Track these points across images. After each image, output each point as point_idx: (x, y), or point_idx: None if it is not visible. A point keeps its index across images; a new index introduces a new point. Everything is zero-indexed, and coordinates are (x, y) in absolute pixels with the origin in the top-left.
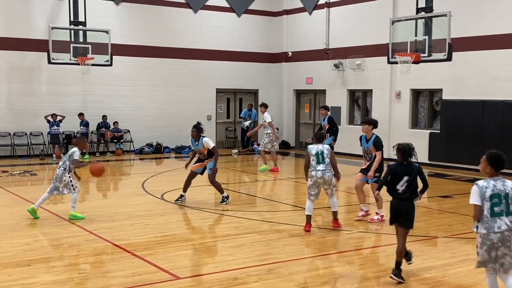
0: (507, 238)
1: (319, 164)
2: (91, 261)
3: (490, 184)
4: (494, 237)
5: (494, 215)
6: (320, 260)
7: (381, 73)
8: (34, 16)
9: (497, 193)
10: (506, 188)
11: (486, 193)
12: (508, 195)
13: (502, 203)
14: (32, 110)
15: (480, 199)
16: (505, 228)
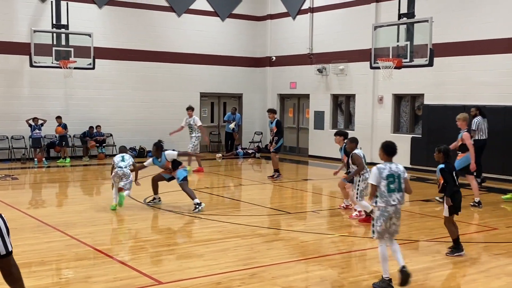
0: (398, 211)
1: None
2: (72, 266)
3: (387, 166)
4: (391, 209)
5: (390, 191)
6: (303, 264)
7: (364, 78)
8: (16, 19)
9: (392, 173)
10: (399, 170)
11: (383, 173)
12: (400, 176)
13: (395, 182)
14: (14, 114)
15: (377, 180)
16: (397, 202)
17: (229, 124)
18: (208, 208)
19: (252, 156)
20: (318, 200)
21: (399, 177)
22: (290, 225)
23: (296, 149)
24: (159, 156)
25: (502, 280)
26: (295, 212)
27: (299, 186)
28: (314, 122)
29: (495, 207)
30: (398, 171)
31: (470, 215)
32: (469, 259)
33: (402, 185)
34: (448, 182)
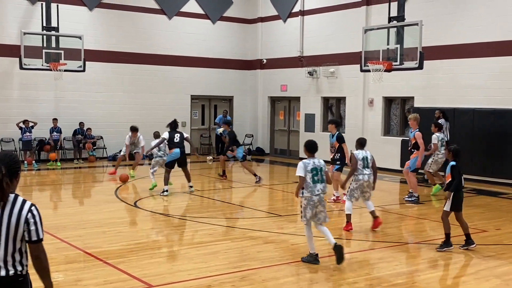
0: (322, 199)
1: (365, 169)
2: (62, 269)
3: (311, 161)
4: (316, 198)
5: (314, 182)
6: (294, 266)
7: (354, 81)
8: (6, 21)
9: (315, 167)
10: (320, 164)
11: (308, 167)
12: (322, 169)
13: (318, 174)
14: (3, 116)
15: (304, 172)
16: (320, 191)
17: (218, 127)
18: (199, 211)
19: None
20: None
21: (321, 170)
22: (281, 227)
23: (287, 151)
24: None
25: (491, 282)
26: (286, 214)
27: (289, 188)
28: (305, 125)
29: (485, 209)
30: (320, 165)
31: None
32: (458, 261)
33: (323, 177)
34: (455, 179)
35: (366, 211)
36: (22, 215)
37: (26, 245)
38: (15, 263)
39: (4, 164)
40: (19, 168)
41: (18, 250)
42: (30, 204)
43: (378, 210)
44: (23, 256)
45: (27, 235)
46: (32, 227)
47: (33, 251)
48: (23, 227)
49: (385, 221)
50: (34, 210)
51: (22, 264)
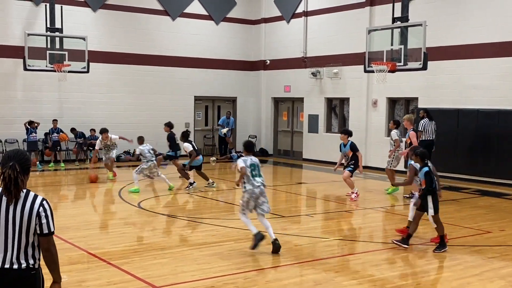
0: (263, 190)
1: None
2: (66, 270)
3: (248, 158)
4: (257, 190)
5: (253, 176)
6: (297, 267)
7: (358, 81)
8: (10, 22)
9: (253, 163)
10: (257, 161)
11: (247, 162)
12: (258, 165)
13: (256, 169)
14: (7, 117)
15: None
16: (260, 183)
17: (222, 128)
18: (202, 212)
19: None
20: (312, 203)
21: (258, 165)
22: (284, 228)
23: (290, 152)
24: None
25: (495, 284)
26: (289, 215)
27: (293, 189)
28: (308, 126)
29: (488, 210)
30: (256, 161)
31: (464, 219)
32: (463, 262)
33: (261, 171)
34: (428, 184)
35: (369, 212)
36: (34, 209)
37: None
38: (27, 257)
39: (17, 161)
40: (30, 165)
41: (31, 244)
42: (42, 199)
43: (381, 211)
44: (35, 250)
45: (38, 228)
46: (44, 220)
47: (44, 244)
48: (35, 221)
49: (389, 223)
50: (45, 204)
51: (35, 258)
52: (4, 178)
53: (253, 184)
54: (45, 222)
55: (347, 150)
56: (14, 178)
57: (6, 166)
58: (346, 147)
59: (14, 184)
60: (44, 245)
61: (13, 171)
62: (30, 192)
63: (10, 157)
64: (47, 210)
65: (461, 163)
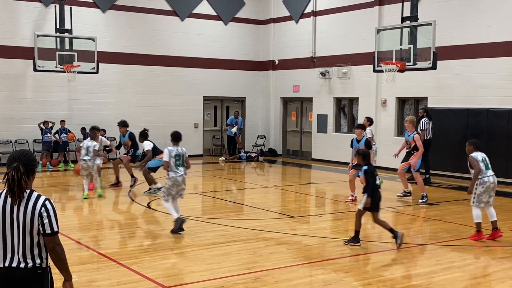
0: (184, 179)
1: (488, 170)
2: (76, 270)
3: (175, 148)
4: (180, 178)
5: (177, 166)
6: (306, 268)
7: (367, 81)
8: (19, 24)
9: (178, 154)
10: (183, 151)
11: (172, 153)
12: (184, 155)
13: (180, 159)
14: (17, 118)
15: (168, 158)
16: (182, 172)
17: (231, 128)
18: (211, 212)
19: (255, 160)
20: (322, 203)
21: (183, 156)
22: (294, 229)
23: (299, 152)
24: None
25: (506, 284)
26: (298, 216)
27: (302, 189)
28: (317, 126)
29: (499, 210)
30: (182, 152)
31: None
32: (473, 262)
33: (185, 162)
34: (369, 183)
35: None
36: (36, 209)
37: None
38: (33, 256)
39: (22, 162)
40: (35, 166)
41: (36, 244)
42: (44, 199)
43: (390, 211)
44: (41, 249)
45: (41, 228)
46: (46, 220)
47: (48, 244)
48: (38, 221)
49: (398, 223)
50: (48, 204)
51: (41, 257)
52: (8, 179)
53: (176, 172)
54: (47, 222)
55: (361, 146)
56: (17, 179)
57: (10, 167)
58: (360, 142)
59: (18, 185)
60: (49, 244)
61: (16, 172)
62: (34, 192)
63: (15, 158)
64: (49, 210)
65: None
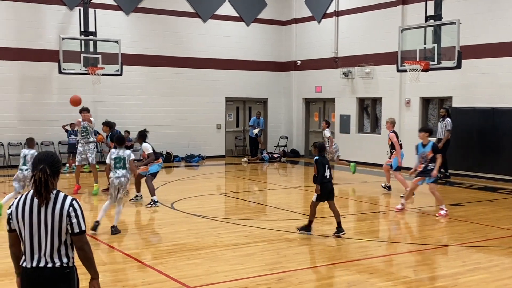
0: (122, 182)
1: None
2: (102, 270)
3: (116, 151)
4: (116, 181)
5: (116, 168)
6: (330, 268)
7: (390, 81)
8: (45, 27)
9: (118, 156)
10: (124, 154)
11: (112, 155)
12: (124, 158)
13: (120, 162)
14: (43, 120)
15: (109, 160)
16: (121, 175)
17: (253, 129)
18: (234, 213)
19: (278, 160)
20: (345, 204)
21: (124, 159)
22: (317, 229)
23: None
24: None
25: None
26: (322, 216)
27: None
28: (340, 126)
29: None
30: (124, 155)
31: (500, 220)
32: (499, 264)
33: (126, 165)
34: (319, 172)
35: (403, 213)
36: (64, 209)
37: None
38: (60, 255)
39: (47, 164)
40: (60, 167)
41: (64, 243)
42: (71, 199)
43: (415, 212)
44: (68, 249)
45: (69, 228)
46: (74, 220)
47: (76, 243)
48: (66, 221)
49: (424, 223)
50: (75, 204)
51: (68, 257)
52: (35, 181)
53: (113, 173)
54: (76, 221)
55: (428, 150)
56: (44, 180)
57: (37, 169)
58: (427, 147)
59: (45, 186)
60: (77, 243)
61: (43, 174)
62: (60, 192)
63: (40, 160)
64: (77, 210)
65: (496, 162)
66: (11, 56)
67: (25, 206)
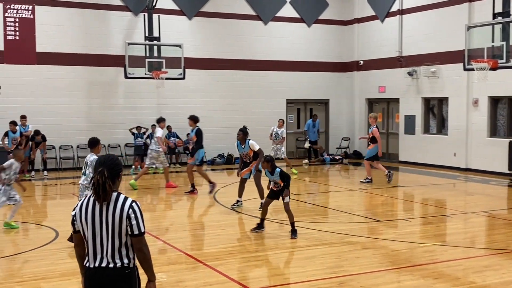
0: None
1: None
2: (165, 270)
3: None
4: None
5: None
6: (393, 273)
7: (457, 80)
8: (111, 33)
9: (86, 161)
10: (88, 159)
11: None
12: (87, 163)
13: (84, 168)
14: (110, 123)
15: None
16: (81, 181)
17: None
18: (295, 215)
19: (340, 162)
20: (410, 207)
21: (87, 163)
22: (380, 233)
23: (386, 154)
24: (244, 142)
25: None
26: (385, 219)
27: (389, 193)
28: (405, 127)
29: None
30: (87, 160)
31: None
32: None
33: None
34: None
35: (471, 216)
36: (124, 211)
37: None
38: (121, 256)
39: (106, 167)
40: (120, 170)
41: (124, 244)
42: (131, 201)
43: (483, 215)
44: (129, 250)
45: (129, 229)
46: (134, 221)
47: (135, 244)
48: (126, 222)
49: (492, 227)
50: (134, 206)
51: (129, 257)
52: (94, 183)
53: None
54: (135, 223)
55: None
56: (102, 183)
57: (96, 172)
58: None
59: (102, 189)
60: (136, 245)
61: (101, 177)
62: (121, 194)
63: (101, 163)
64: (136, 211)
65: None
66: (79, 61)
67: (88, 208)
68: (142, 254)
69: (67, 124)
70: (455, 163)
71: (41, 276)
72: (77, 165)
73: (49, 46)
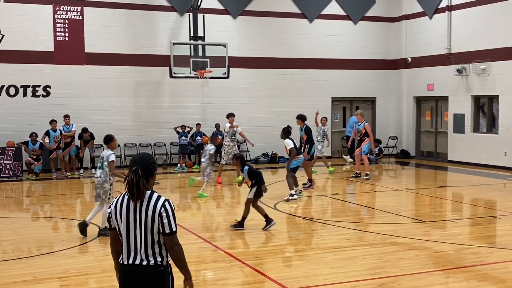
0: (98, 181)
1: None
2: (203, 268)
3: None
4: (95, 180)
5: (97, 168)
6: (436, 275)
7: (509, 77)
8: (157, 33)
9: (101, 156)
10: (104, 154)
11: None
12: (103, 158)
13: (100, 162)
14: (156, 122)
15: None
16: (98, 175)
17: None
18: (338, 215)
19: (374, 160)
20: (458, 208)
21: (102, 158)
22: (425, 234)
23: (434, 154)
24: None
25: None
26: (431, 220)
27: (436, 193)
28: (454, 126)
29: None
30: (103, 155)
31: None
32: None
33: (103, 165)
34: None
35: None
36: (156, 209)
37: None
38: (155, 254)
39: (140, 165)
40: (154, 168)
41: (157, 242)
42: (164, 199)
43: None
44: (162, 248)
45: (161, 228)
46: (165, 220)
47: (167, 243)
48: (158, 221)
49: None
50: (167, 205)
51: (162, 255)
52: (128, 181)
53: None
54: (167, 222)
55: None
56: (136, 182)
57: (130, 170)
58: None
59: (136, 187)
60: (168, 243)
61: (135, 176)
62: (154, 193)
63: (135, 161)
64: (168, 210)
65: None
66: (126, 62)
67: (122, 205)
68: (174, 253)
69: (115, 123)
70: (505, 162)
71: (84, 272)
72: (124, 163)
73: (97, 47)
